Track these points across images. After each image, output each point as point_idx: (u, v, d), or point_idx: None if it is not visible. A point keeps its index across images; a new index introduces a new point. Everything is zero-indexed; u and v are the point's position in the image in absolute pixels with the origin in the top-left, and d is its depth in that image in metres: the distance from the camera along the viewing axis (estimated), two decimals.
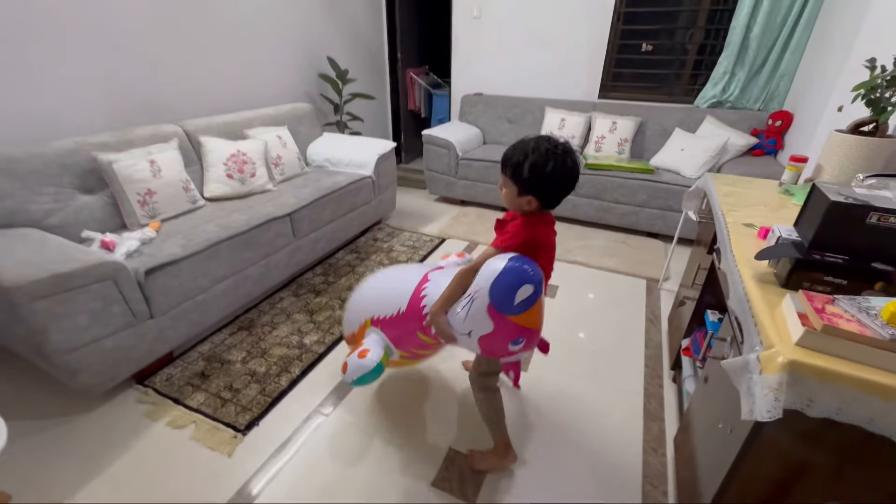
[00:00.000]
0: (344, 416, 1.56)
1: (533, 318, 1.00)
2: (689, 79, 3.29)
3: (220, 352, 1.84)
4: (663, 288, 2.39)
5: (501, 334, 1.00)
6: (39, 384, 1.65)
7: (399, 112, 4.56)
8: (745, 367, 0.79)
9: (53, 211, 1.73)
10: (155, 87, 2.29)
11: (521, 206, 1.04)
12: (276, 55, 3.02)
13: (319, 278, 2.44)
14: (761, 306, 0.87)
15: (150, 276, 1.59)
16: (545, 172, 0.97)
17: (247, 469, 1.35)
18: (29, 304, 1.27)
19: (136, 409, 1.57)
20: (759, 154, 2.82)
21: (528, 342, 1.04)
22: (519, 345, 1.02)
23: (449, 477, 1.34)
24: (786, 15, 2.71)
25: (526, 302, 0.95)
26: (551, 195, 1.02)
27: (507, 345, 1.01)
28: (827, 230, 0.91)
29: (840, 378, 0.70)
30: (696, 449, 1.18)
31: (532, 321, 1.01)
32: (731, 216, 1.34)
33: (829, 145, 1.52)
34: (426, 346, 1.30)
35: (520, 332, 1.00)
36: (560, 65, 3.52)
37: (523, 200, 1.03)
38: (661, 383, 1.72)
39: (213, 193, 2.24)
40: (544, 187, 1.00)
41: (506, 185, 1.04)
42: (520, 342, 1.01)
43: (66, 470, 1.34)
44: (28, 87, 1.81)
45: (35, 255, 1.38)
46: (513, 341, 1.01)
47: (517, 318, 0.98)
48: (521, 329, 1.00)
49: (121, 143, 1.97)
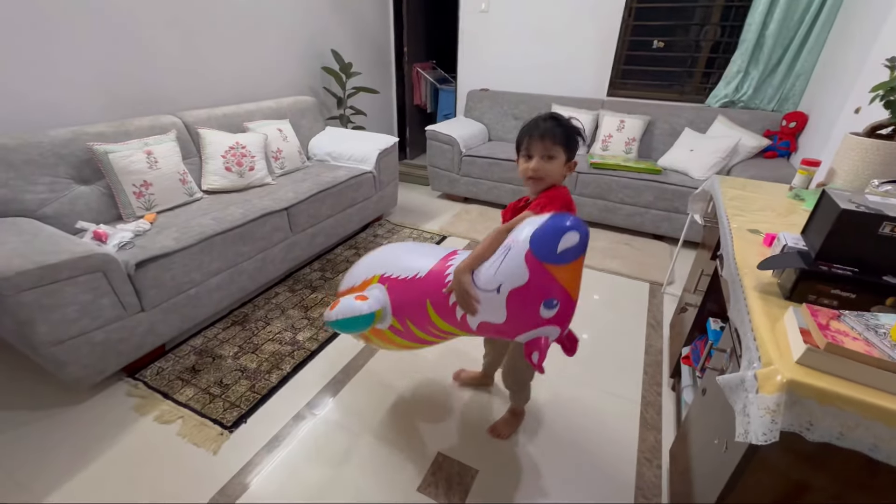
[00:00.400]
0: (332, 416, 1.54)
1: (572, 276, 0.90)
2: (700, 77, 3.20)
3: (212, 346, 1.83)
4: (667, 292, 2.33)
5: (536, 288, 0.89)
6: (31, 374, 1.65)
7: (405, 107, 4.52)
8: (741, 385, 0.74)
9: (48, 201, 1.72)
10: (154, 77, 2.27)
11: (564, 173, 1.07)
12: (278, 47, 2.99)
13: (316, 274, 2.41)
14: (762, 319, 0.82)
15: (142, 268, 1.58)
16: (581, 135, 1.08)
17: (230, 468, 1.33)
18: (16, 294, 1.25)
19: (125, 402, 1.56)
20: (771, 156, 2.73)
21: (563, 311, 0.91)
22: (552, 309, 0.89)
23: (435, 482, 1.31)
24: (804, 12, 2.61)
25: (570, 252, 0.86)
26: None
27: (539, 306, 0.89)
28: (836, 240, 0.85)
29: (843, 401, 0.65)
30: (691, 462, 1.14)
31: (571, 281, 0.91)
32: (736, 221, 1.28)
33: (844, 148, 1.45)
34: (425, 322, 1.14)
35: (556, 291, 0.89)
36: (568, 61, 3.44)
37: (568, 167, 1.07)
38: (659, 391, 1.67)
39: (211, 186, 2.22)
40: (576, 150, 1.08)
41: (556, 155, 1.04)
42: (553, 305, 0.89)
43: (51, 462, 1.34)
44: (25, 76, 1.80)
45: (25, 246, 1.37)
46: (545, 302, 0.89)
47: (557, 269, 0.88)
48: (558, 287, 0.89)
49: (118, 133, 1.95)
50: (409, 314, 1.14)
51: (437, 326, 1.13)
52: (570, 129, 1.05)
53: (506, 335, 1.05)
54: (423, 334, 1.18)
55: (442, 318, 1.10)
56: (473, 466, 1.36)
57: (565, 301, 0.92)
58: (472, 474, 1.34)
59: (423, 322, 1.14)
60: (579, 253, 0.89)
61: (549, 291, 0.90)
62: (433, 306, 1.09)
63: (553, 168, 1.04)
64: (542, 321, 0.92)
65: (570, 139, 1.04)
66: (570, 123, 1.06)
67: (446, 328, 1.12)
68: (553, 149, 1.03)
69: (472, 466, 1.36)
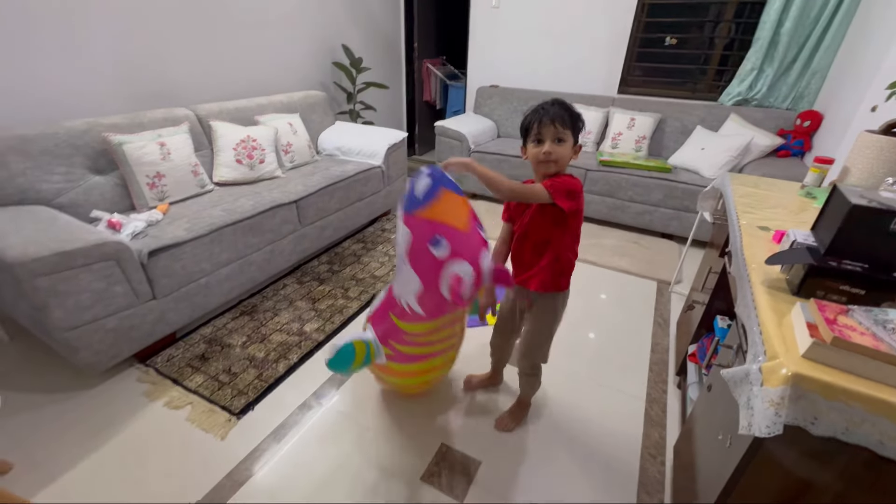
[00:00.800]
0: (338, 406, 1.55)
1: (442, 210, 0.98)
2: (714, 75, 3.16)
3: (221, 335, 1.86)
4: (674, 291, 2.31)
5: (419, 238, 0.97)
6: (46, 358, 1.69)
7: (414, 103, 4.53)
8: (745, 378, 0.74)
9: (64, 190, 1.76)
10: (168, 70, 2.30)
11: (572, 157, 1.11)
12: (290, 42, 3.01)
13: (324, 266, 2.44)
14: (768, 314, 0.82)
15: (154, 257, 1.61)
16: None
17: (238, 454, 1.35)
18: (31, 280, 1.29)
19: (136, 387, 1.59)
20: (784, 155, 2.69)
21: (456, 245, 0.98)
22: (441, 246, 0.96)
23: (439, 472, 1.32)
24: (821, 9, 2.56)
25: (429, 192, 0.96)
26: None
27: (428, 249, 0.96)
28: (846, 235, 0.84)
29: (849, 395, 0.65)
30: (695, 458, 1.13)
31: (442, 214, 0.98)
32: (746, 218, 1.27)
33: (859, 146, 1.42)
34: (398, 334, 1.21)
35: (433, 229, 0.97)
36: (579, 58, 3.42)
37: (574, 150, 1.11)
38: (665, 389, 1.66)
39: (222, 178, 2.25)
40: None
41: (565, 138, 1.07)
42: (439, 241, 0.96)
43: (65, 444, 1.37)
44: (43, 68, 1.84)
45: (41, 233, 1.40)
46: (431, 242, 0.96)
47: (427, 211, 0.96)
48: (432, 224, 0.97)
49: (132, 125, 1.98)
50: (387, 334, 1.22)
51: (406, 331, 1.20)
52: (575, 113, 1.09)
53: (444, 305, 1.08)
54: (408, 348, 1.24)
55: (402, 320, 1.17)
56: (477, 458, 1.37)
57: (452, 235, 0.97)
58: (475, 466, 1.35)
59: (397, 334, 1.21)
60: (436, 188, 0.97)
61: (431, 232, 0.97)
62: (393, 314, 1.17)
63: (564, 151, 1.07)
64: (440, 261, 0.97)
65: (576, 123, 1.09)
66: (574, 108, 1.11)
67: (412, 328, 1.19)
68: (563, 132, 1.06)
69: (476, 458, 1.37)
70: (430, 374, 1.42)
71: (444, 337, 1.29)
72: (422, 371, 1.36)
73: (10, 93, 1.77)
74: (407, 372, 1.35)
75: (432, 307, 1.09)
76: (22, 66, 1.78)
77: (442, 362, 1.40)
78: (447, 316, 1.20)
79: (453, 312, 1.20)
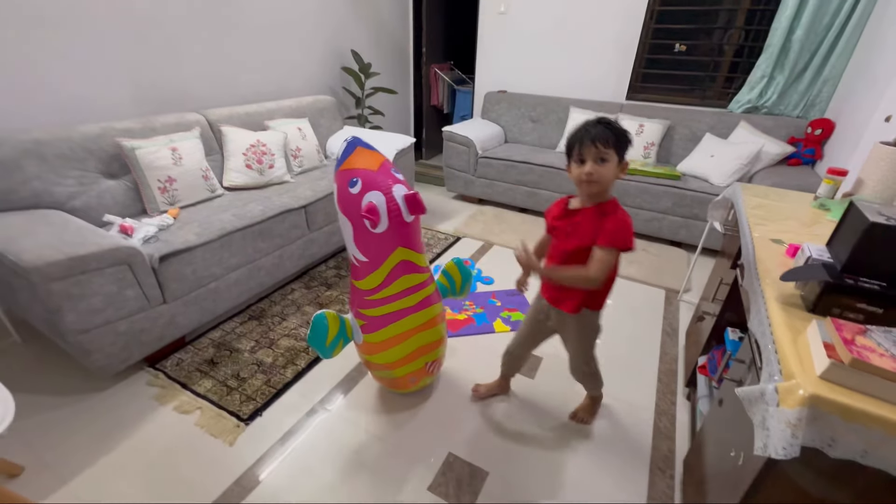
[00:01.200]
0: (345, 412, 1.56)
1: (355, 160, 1.19)
2: (723, 82, 3.14)
3: (229, 340, 1.87)
4: (683, 300, 2.30)
5: (342, 185, 1.18)
6: (59, 361, 1.71)
7: (422, 107, 4.54)
8: (760, 398, 0.73)
9: (77, 194, 1.78)
10: (180, 75, 2.33)
11: (618, 175, 1.09)
12: (300, 48, 3.04)
13: (332, 271, 2.44)
14: (784, 332, 0.81)
15: (165, 262, 1.62)
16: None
17: (246, 460, 1.36)
18: (46, 284, 1.30)
19: (146, 391, 1.60)
20: (795, 164, 2.67)
21: (367, 181, 1.15)
22: (356, 185, 1.16)
23: (446, 482, 1.32)
24: (833, 16, 2.54)
25: (345, 151, 1.20)
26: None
27: (348, 189, 1.17)
28: (863, 253, 0.83)
29: (868, 418, 0.64)
30: (706, 474, 1.12)
31: (355, 163, 1.18)
32: (759, 230, 1.26)
33: (873, 158, 1.41)
34: (360, 295, 1.31)
35: (350, 174, 1.17)
36: (588, 64, 3.42)
37: (620, 168, 1.09)
38: (674, 400, 1.65)
39: (232, 183, 2.26)
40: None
41: (608, 158, 1.06)
42: (355, 182, 1.16)
43: (76, 447, 1.38)
44: (57, 72, 1.87)
45: (54, 237, 1.42)
46: (349, 183, 1.17)
47: (343, 165, 1.20)
48: (349, 172, 1.18)
49: (145, 129, 2.01)
50: (355, 305, 1.36)
51: (364, 290, 1.29)
52: (620, 131, 1.07)
53: (377, 242, 1.21)
54: (373, 310, 1.31)
55: (357, 279, 1.29)
56: (484, 468, 1.36)
57: (364, 175, 1.16)
58: (482, 476, 1.34)
59: (359, 299, 1.32)
60: (352, 148, 1.20)
61: (345, 178, 1.18)
62: (352, 280, 1.32)
63: (606, 171, 1.06)
64: (357, 196, 1.15)
65: (621, 141, 1.06)
66: (619, 126, 1.07)
67: (367, 283, 1.27)
68: (605, 152, 1.05)
69: (483, 468, 1.36)
70: (413, 343, 1.39)
71: (403, 290, 1.30)
72: (401, 335, 1.36)
73: (26, 97, 1.79)
74: (387, 341, 1.36)
75: (369, 247, 1.22)
76: (37, 71, 1.80)
77: (419, 324, 1.37)
78: (392, 260, 1.24)
79: (395, 256, 1.25)
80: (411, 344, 1.40)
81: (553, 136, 3.51)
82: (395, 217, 1.17)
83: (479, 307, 2.16)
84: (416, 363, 1.45)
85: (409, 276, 1.29)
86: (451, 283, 1.55)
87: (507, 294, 2.28)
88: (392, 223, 1.17)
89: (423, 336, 1.41)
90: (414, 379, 1.51)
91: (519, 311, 2.14)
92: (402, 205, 1.17)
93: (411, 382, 1.52)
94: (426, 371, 1.51)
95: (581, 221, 1.11)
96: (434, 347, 1.48)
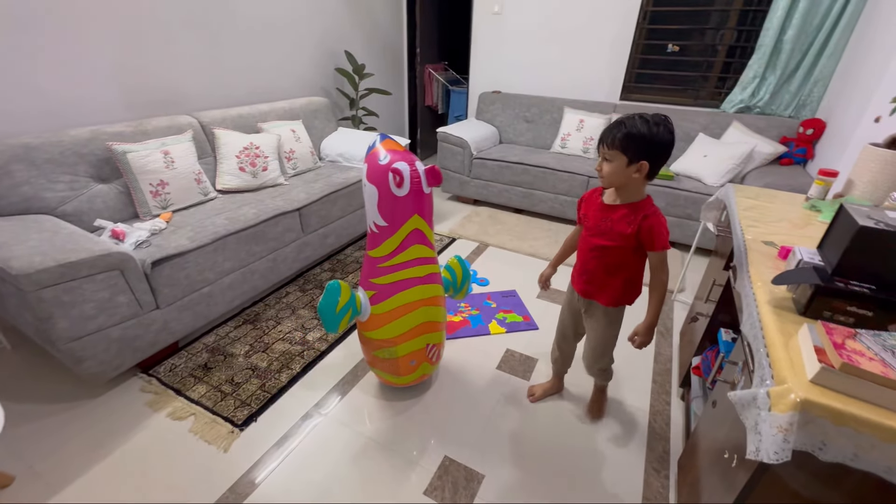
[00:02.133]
0: (341, 416, 1.55)
1: (385, 145, 1.34)
2: (715, 82, 3.16)
3: (223, 344, 1.86)
4: (677, 299, 2.31)
5: (371, 163, 1.30)
6: (50, 368, 1.69)
7: (416, 108, 4.53)
8: (753, 402, 0.74)
9: (68, 199, 1.76)
10: (172, 77, 2.31)
11: (632, 175, 1.09)
12: (293, 49, 3.02)
13: (327, 274, 2.44)
14: (775, 336, 0.81)
15: (157, 267, 1.61)
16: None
17: (241, 466, 1.35)
18: (36, 291, 1.29)
19: (139, 398, 1.59)
20: (787, 163, 2.69)
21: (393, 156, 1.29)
22: (384, 158, 1.29)
23: (442, 486, 1.32)
24: (824, 17, 2.57)
25: (373, 143, 1.36)
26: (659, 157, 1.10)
27: (377, 162, 1.29)
28: (853, 256, 0.84)
29: (858, 422, 0.65)
30: (700, 475, 1.13)
31: (384, 147, 1.33)
32: (751, 232, 1.27)
33: (863, 160, 1.43)
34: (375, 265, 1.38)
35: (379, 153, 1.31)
36: (581, 64, 3.43)
37: (636, 169, 1.08)
38: (668, 400, 1.65)
39: (226, 186, 2.25)
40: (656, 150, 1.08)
41: (611, 158, 1.10)
42: (385, 157, 1.29)
43: (68, 456, 1.37)
44: (47, 76, 1.84)
45: (45, 244, 1.40)
46: (379, 158, 1.30)
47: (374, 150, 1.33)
48: (377, 152, 1.31)
49: (136, 133, 1.99)
50: (367, 275, 1.42)
51: (377, 258, 1.37)
52: (630, 133, 1.05)
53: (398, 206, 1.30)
54: (383, 278, 1.38)
55: (372, 249, 1.38)
56: (480, 471, 1.36)
57: (391, 151, 1.30)
58: (478, 479, 1.34)
59: (372, 267, 1.39)
60: (382, 139, 1.37)
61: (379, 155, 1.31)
62: (367, 251, 1.41)
63: (609, 170, 1.10)
64: (385, 165, 1.27)
65: (629, 142, 1.05)
66: (636, 127, 1.05)
67: (381, 251, 1.36)
68: (608, 152, 1.09)
69: (479, 471, 1.36)
70: (417, 317, 1.43)
71: (413, 259, 1.38)
72: (407, 305, 1.41)
73: (15, 101, 1.77)
74: (393, 311, 1.41)
75: (391, 210, 1.31)
76: (26, 75, 1.78)
77: (425, 297, 1.43)
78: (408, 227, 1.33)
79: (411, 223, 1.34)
80: (415, 318, 1.44)
81: (547, 136, 3.52)
82: (416, 185, 1.29)
83: (475, 309, 2.16)
84: (418, 341, 1.47)
85: (420, 246, 1.38)
86: (453, 278, 1.59)
87: (502, 295, 2.28)
88: (412, 189, 1.29)
89: (427, 311, 1.45)
90: (414, 362, 1.51)
91: (514, 312, 2.14)
92: (422, 176, 1.31)
93: (412, 366, 1.52)
94: (427, 355, 1.53)
95: (617, 222, 1.16)
96: (436, 328, 1.51)
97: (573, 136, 3.30)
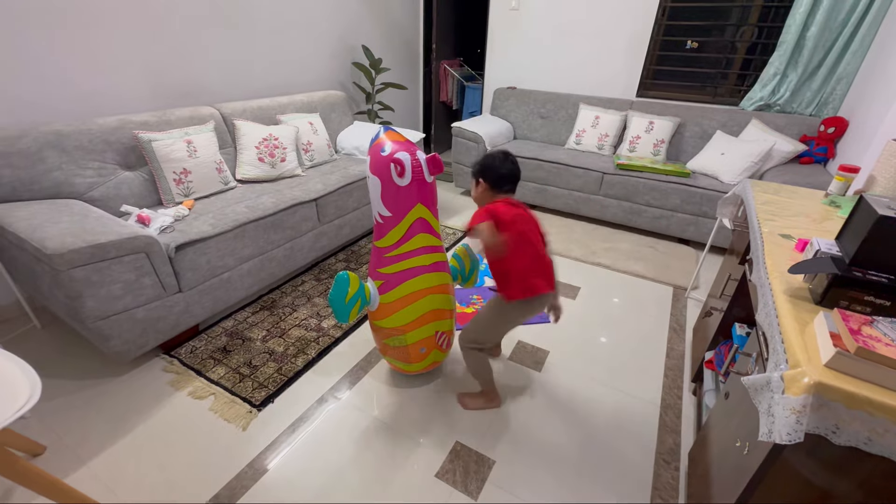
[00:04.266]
0: (355, 400, 1.59)
1: (387, 136, 1.39)
2: (735, 79, 3.12)
3: (242, 329, 1.91)
4: (691, 297, 2.30)
5: (374, 154, 1.35)
6: (78, 346, 1.76)
7: (431, 103, 4.55)
8: (766, 386, 0.75)
9: (96, 184, 1.83)
10: (195, 70, 2.37)
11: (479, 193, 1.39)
12: (311, 43, 3.06)
13: (342, 264, 2.48)
14: (790, 323, 0.82)
15: (181, 251, 1.66)
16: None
17: (258, 444, 1.40)
18: (68, 270, 1.35)
19: (161, 377, 1.65)
20: (807, 162, 2.65)
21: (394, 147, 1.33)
22: (386, 149, 1.33)
23: (453, 469, 1.34)
24: (849, 13, 2.51)
25: (377, 134, 1.42)
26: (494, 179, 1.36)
27: (380, 154, 1.34)
28: (872, 246, 0.84)
29: (872, 406, 0.65)
30: (711, 465, 1.13)
31: (387, 138, 1.38)
32: (768, 226, 1.27)
33: (886, 156, 1.41)
34: (379, 254, 1.42)
35: (381, 144, 1.36)
36: (598, 60, 3.41)
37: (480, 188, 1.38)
38: (680, 395, 1.65)
39: (245, 175, 2.30)
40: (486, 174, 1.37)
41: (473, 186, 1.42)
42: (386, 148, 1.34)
43: (95, 429, 1.43)
44: (77, 67, 1.91)
45: (76, 226, 1.46)
46: (381, 150, 1.34)
47: (377, 141, 1.38)
48: (380, 143, 1.36)
49: (161, 122, 2.05)
50: (375, 265, 1.45)
51: (383, 248, 1.40)
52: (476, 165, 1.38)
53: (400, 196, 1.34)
54: (390, 267, 1.41)
55: (378, 239, 1.41)
56: (490, 457, 1.39)
57: (394, 144, 1.34)
58: (489, 464, 1.36)
59: (379, 257, 1.43)
60: (384, 130, 1.42)
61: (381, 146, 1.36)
62: (374, 242, 1.44)
63: (475, 194, 1.41)
64: (387, 157, 1.31)
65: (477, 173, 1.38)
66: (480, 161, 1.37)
67: (387, 241, 1.39)
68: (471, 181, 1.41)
69: (490, 457, 1.39)
70: (426, 304, 1.45)
71: (419, 248, 1.41)
72: (415, 293, 1.43)
73: (48, 90, 1.84)
74: (402, 299, 1.43)
75: (394, 201, 1.34)
76: (59, 66, 1.85)
77: (432, 285, 1.45)
78: (412, 216, 1.37)
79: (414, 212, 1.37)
80: (424, 306, 1.45)
81: (562, 132, 3.51)
82: (418, 174, 1.33)
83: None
84: (428, 329, 1.49)
85: (425, 234, 1.41)
86: (461, 266, 1.62)
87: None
88: (414, 178, 1.32)
89: (434, 299, 1.47)
90: (424, 349, 1.53)
91: None
92: (424, 165, 1.34)
93: (422, 354, 1.54)
94: (437, 342, 1.54)
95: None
96: (445, 316, 1.53)
97: (588, 132, 3.29)
